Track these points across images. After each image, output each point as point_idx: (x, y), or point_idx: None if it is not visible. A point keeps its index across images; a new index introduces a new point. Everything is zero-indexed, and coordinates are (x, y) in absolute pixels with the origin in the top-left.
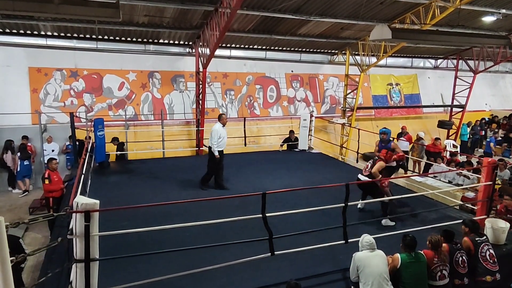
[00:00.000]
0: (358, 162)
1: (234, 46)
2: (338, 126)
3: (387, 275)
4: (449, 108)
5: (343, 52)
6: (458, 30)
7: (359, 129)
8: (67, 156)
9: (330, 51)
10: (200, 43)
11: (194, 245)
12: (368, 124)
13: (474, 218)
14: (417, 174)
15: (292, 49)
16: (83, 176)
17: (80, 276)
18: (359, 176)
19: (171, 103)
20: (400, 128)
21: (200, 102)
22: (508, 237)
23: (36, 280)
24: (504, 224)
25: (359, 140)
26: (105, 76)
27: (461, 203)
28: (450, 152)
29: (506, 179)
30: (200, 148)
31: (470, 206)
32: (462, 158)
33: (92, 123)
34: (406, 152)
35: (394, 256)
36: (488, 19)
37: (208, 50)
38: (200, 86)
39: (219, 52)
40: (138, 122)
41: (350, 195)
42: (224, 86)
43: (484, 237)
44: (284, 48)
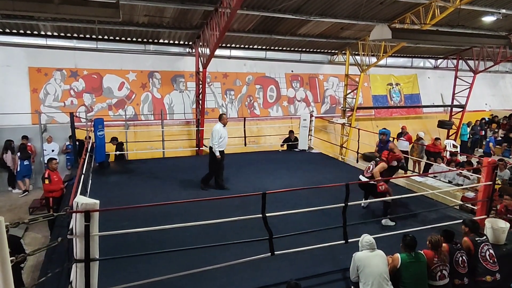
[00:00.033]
0: (358, 162)
1: (234, 46)
2: (338, 126)
3: (387, 275)
4: (449, 108)
5: (343, 52)
6: (458, 30)
7: (359, 129)
8: (67, 156)
9: (330, 51)
10: (200, 43)
11: (194, 245)
12: (368, 124)
13: (474, 218)
14: (417, 174)
15: (292, 49)
16: (83, 176)
17: (80, 276)
18: (361, 177)
19: (171, 103)
20: (400, 128)
21: (200, 102)
22: (508, 237)
23: (36, 280)
24: (504, 224)
25: (359, 140)
26: (105, 76)
27: (461, 203)
28: (450, 152)
29: (506, 179)
30: (200, 148)
31: (470, 206)
32: (462, 158)
33: (92, 123)
34: (406, 152)
35: (394, 256)
36: (488, 19)
37: (208, 50)
38: (200, 86)
39: (219, 52)
40: (138, 122)
41: (350, 195)
42: (224, 86)
43: (484, 237)
44: (284, 48)
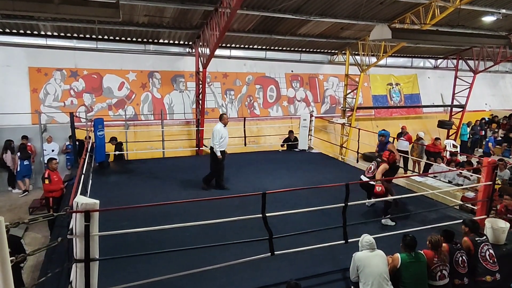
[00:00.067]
0: (358, 162)
1: (234, 46)
2: (338, 126)
3: (387, 275)
4: (449, 108)
5: (343, 52)
6: (458, 30)
7: (359, 129)
8: (67, 156)
9: (330, 51)
10: (200, 43)
11: (194, 245)
12: (368, 124)
13: (474, 218)
14: (417, 174)
15: (292, 49)
16: (83, 176)
17: (80, 276)
18: (362, 177)
19: (171, 103)
20: (400, 128)
21: (200, 102)
22: (508, 237)
23: (36, 280)
24: (504, 224)
25: (359, 140)
26: (105, 76)
27: (461, 203)
28: (450, 152)
29: (506, 179)
30: (200, 148)
31: (470, 206)
32: (462, 158)
33: (92, 123)
34: (406, 152)
35: (394, 256)
36: (488, 19)
37: (208, 50)
38: (200, 86)
39: (219, 52)
40: (138, 122)
41: (350, 195)
42: (224, 86)
43: (484, 237)
44: (284, 48)
